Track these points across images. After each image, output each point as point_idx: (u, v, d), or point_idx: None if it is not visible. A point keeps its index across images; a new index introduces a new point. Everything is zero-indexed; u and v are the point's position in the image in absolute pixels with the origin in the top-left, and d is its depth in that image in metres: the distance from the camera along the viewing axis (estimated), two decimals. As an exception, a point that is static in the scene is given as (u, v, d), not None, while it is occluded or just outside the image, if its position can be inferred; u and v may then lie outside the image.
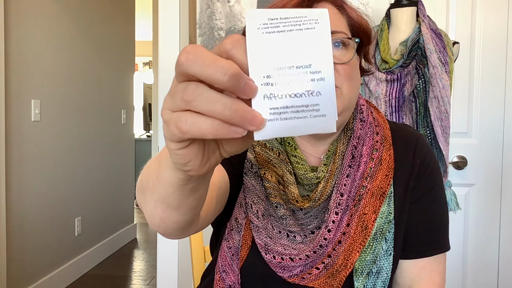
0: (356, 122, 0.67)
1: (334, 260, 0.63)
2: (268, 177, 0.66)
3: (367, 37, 0.67)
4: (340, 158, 0.66)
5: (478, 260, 1.78)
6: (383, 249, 0.64)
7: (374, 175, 0.65)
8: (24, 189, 2.33)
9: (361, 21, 0.66)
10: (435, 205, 0.70)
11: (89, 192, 3.04)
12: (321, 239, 0.63)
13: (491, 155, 1.74)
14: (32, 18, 2.36)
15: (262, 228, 0.66)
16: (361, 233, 0.63)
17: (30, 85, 2.35)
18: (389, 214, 0.64)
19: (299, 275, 0.64)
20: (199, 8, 1.80)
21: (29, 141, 2.36)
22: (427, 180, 0.68)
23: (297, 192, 0.65)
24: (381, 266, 0.64)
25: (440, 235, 0.70)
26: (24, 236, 2.34)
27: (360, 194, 0.64)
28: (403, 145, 0.69)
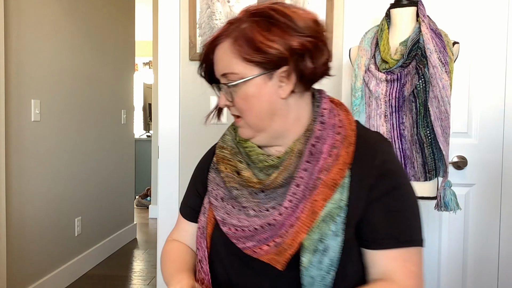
0: (316, 125, 0.78)
1: (285, 240, 0.73)
2: (222, 169, 0.83)
3: (277, 58, 0.73)
4: (297, 155, 0.76)
5: (478, 260, 1.78)
6: (331, 230, 0.72)
7: (330, 168, 0.74)
8: (24, 189, 2.33)
9: (263, 47, 0.72)
10: (400, 204, 0.76)
11: (89, 192, 3.04)
12: (271, 219, 0.74)
13: (491, 155, 1.73)
14: (32, 18, 2.36)
15: (220, 207, 0.81)
16: (309, 217, 0.73)
17: (30, 85, 2.35)
18: (341, 201, 0.73)
19: (252, 248, 0.75)
20: (199, 8, 1.80)
21: (29, 141, 2.36)
22: (388, 181, 0.75)
23: (247, 174, 0.79)
24: (328, 245, 0.72)
25: (405, 230, 0.75)
26: (24, 236, 2.34)
27: (316, 185, 0.74)
28: (366, 147, 0.78)
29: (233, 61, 0.75)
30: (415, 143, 1.32)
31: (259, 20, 0.74)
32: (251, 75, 0.74)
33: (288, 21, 0.73)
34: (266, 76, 0.74)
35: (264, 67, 0.74)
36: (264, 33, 0.72)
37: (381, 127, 1.34)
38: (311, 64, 0.75)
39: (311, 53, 0.74)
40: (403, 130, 1.33)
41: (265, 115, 0.77)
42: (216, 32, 0.79)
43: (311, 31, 0.74)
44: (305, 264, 0.72)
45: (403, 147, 1.32)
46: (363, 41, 1.42)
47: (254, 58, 0.73)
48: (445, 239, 1.79)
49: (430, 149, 1.32)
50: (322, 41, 0.76)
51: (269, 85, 0.75)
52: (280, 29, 0.73)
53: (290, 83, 0.75)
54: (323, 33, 0.77)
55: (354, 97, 1.38)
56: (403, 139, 1.33)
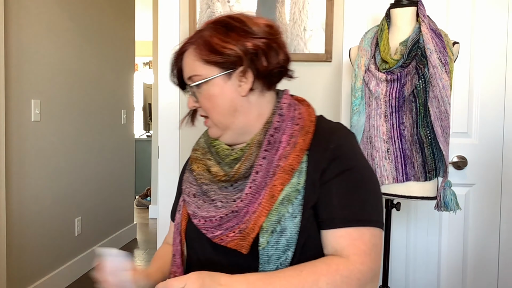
0: (275, 117, 0.85)
1: (248, 225, 0.78)
2: (195, 168, 0.91)
3: (233, 58, 0.81)
4: (256, 145, 0.83)
5: (478, 260, 1.78)
6: (288, 212, 0.77)
7: (288, 156, 0.80)
8: (24, 189, 2.33)
9: (220, 49, 0.80)
10: (350, 185, 0.79)
11: (89, 192, 3.04)
12: (234, 206, 0.80)
13: (491, 155, 1.73)
14: (32, 18, 2.36)
15: (192, 202, 0.87)
16: (268, 201, 0.78)
17: (30, 85, 2.35)
18: (298, 184, 0.79)
19: (219, 236, 0.81)
20: (199, 8, 1.80)
21: (29, 141, 2.36)
22: (339, 163, 0.80)
23: (215, 169, 0.86)
24: (285, 226, 0.77)
25: (355, 210, 0.78)
26: (24, 236, 2.34)
27: (275, 171, 0.79)
28: (323, 134, 0.84)
29: (196, 64, 0.83)
30: (415, 143, 1.32)
31: (218, 27, 0.83)
32: (212, 75, 0.82)
33: (242, 26, 0.82)
34: (226, 76, 0.82)
35: (223, 67, 0.82)
36: (221, 36, 0.81)
37: (381, 127, 1.34)
38: (266, 62, 0.82)
39: (265, 53, 0.82)
40: (403, 130, 1.33)
41: (227, 112, 0.84)
42: (183, 40, 0.88)
43: (264, 33, 0.82)
44: (263, 244, 0.77)
45: (403, 147, 1.32)
46: (363, 41, 1.42)
47: (212, 59, 0.81)
48: (445, 239, 1.79)
49: (430, 149, 1.31)
50: (276, 43, 0.84)
51: (229, 84, 0.83)
52: (236, 33, 0.81)
53: (248, 82, 0.83)
54: (277, 36, 0.84)
55: (354, 97, 1.38)
56: (403, 139, 1.33)
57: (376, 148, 1.34)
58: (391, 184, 1.34)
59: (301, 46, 1.77)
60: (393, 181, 1.33)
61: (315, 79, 1.80)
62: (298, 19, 1.77)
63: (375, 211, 0.80)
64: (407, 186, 1.33)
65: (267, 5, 1.77)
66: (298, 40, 1.77)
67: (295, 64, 1.79)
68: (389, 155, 1.33)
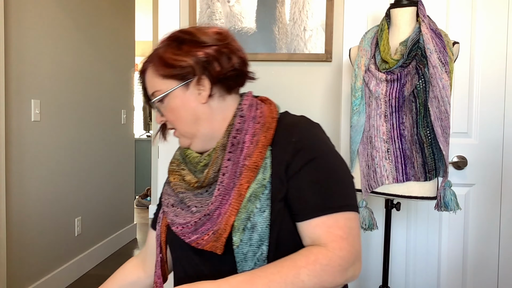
0: (236, 119, 0.87)
1: (220, 226, 0.80)
2: (171, 180, 0.94)
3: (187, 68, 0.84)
4: (221, 148, 0.86)
5: (478, 260, 1.78)
6: (257, 207, 0.79)
7: (252, 154, 0.82)
8: (24, 189, 2.33)
9: (173, 62, 0.84)
10: (316, 174, 0.81)
11: (89, 192, 3.04)
12: (206, 210, 0.82)
13: (491, 155, 1.74)
14: (32, 18, 2.36)
15: (170, 211, 0.90)
16: (236, 200, 0.80)
17: (30, 85, 2.35)
18: (263, 180, 0.81)
19: (196, 240, 0.83)
20: (199, 8, 1.80)
21: (29, 141, 2.36)
22: (303, 155, 0.81)
23: (189, 178, 0.90)
24: (255, 222, 0.79)
25: (325, 198, 0.79)
26: (24, 236, 2.34)
27: (241, 171, 0.82)
28: (285, 128, 0.86)
29: (155, 80, 0.87)
30: (415, 143, 1.32)
31: (170, 42, 0.87)
32: (170, 88, 0.86)
33: (192, 37, 0.86)
34: (183, 86, 0.86)
35: (180, 79, 0.85)
36: (174, 51, 0.85)
37: (381, 127, 1.34)
38: (219, 67, 0.85)
39: (216, 59, 0.85)
40: (403, 130, 1.33)
41: (191, 121, 0.87)
42: (142, 61, 0.93)
43: (214, 40, 0.86)
44: (236, 242, 0.79)
45: (403, 147, 1.32)
46: (363, 41, 1.42)
47: (168, 73, 0.85)
48: (445, 239, 1.79)
49: (430, 149, 1.31)
50: (226, 48, 0.87)
51: (188, 94, 0.86)
52: (187, 45, 0.85)
53: (206, 89, 0.86)
54: (227, 41, 0.87)
55: (354, 97, 1.38)
56: (403, 139, 1.33)
57: (376, 148, 1.34)
58: (391, 184, 1.34)
59: (301, 46, 1.77)
60: (393, 181, 1.33)
61: (315, 79, 1.80)
62: (298, 19, 1.77)
63: (346, 195, 0.81)
64: (407, 186, 1.33)
65: (267, 5, 1.77)
66: (298, 40, 1.77)
67: (295, 64, 1.81)
68: (389, 155, 1.33)
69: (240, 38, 1.78)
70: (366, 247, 1.83)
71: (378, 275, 1.82)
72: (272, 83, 1.81)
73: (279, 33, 1.78)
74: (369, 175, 1.36)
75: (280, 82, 1.80)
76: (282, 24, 1.78)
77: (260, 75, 1.82)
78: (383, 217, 1.79)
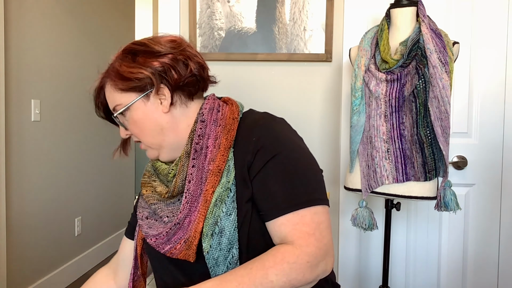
0: (197, 124, 0.86)
1: (190, 234, 0.80)
2: (143, 192, 0.93)
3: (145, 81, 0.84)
4: (185, 156, 0.85)
5: (478, 260, 1.78)
6: (223, 211, 0.79)
7: (215, 158, 0.82)
8: (24, 189, 2.33)
9: (129, 75, 0.84)
10: (277, 172, 0.79)
11: (89, 192, 3.04)
12: (175, 219, 0.82)
13: (491, 155, 1.74)
14: (32, 18, 2.36)
15: (145, 224, 0.90)
16: (203, 206, 0.80)
17: (30, 85, 2.35)
18: (227, 183, 0.81)
19: (169, 251, 0.83)
20: (199, 8, 1.80)
21: (29, 141, 2.36)
22: (264, 154, 0.80)
23: (160, 189, 0.89)
24: (223, 226, 0.79)
25: (288, 195, 0.78)
26: (24, 236, 2.34)
27: (206, 177, 0.82)
28: (246, 128, 0.85)
29: (115, 95, 0.87)
30: (415, 143, 1.32)
31: (125, 55, 0.87)
32: (131, 101, 0.86)
33: (146, 48, 0.86)
34: (144, 98, 0.85)
35: (139, 91, 0.85)
36: (129, 63, 0.85)
37: (381, 127, 1.34)
38: (176, 75, 0.85)
39: (172, 66, 0.85)
40: (403, 130, 1.33)
41: (155, 132, 0.87)
42: (99, 76, 0.92)
43: (168, 49, 0.86)
44: (206, 249, 0.79)
45: (403, 147, 1.32)
46: (363, 41, 1.42)
47: (126, 86, 0.85)
48: (445, 239, 1.79)
49: (430, 149, 1.31)
50: (181, 55, 0.86)
51: (149, 105, 0.86)
52: (143, 57, 0.85)
53: (167, 97, 0.85)
54: (182, 48, 0.87)
55: (354, 97, 1.38)
56: (403, 139, 1.32)
57: (376, 148, 1.34)
58: (391, 184, 1.34)
59: (301, 46, 1.77)
60: (393, 181, 1.33)
61: (315, 79, 1.80)
62: (298, 19, 1.77)
63: (312, 190, 0.80)
64: (407, 186, 1.33)
65: (267, 5, 1.77)
66: (298, 40, 1.77)
67: (295, 64, 1.81)
68: (389, 155, 1.33)
69: (240, 38, 1.78)
70: (366, 247, 1.83)
71: (378, 275, 1.82)
72: (272, 83, 1.81)
73: (279, 33, 1.78)
74: (369, 175, 1.36)
75: (280, 82, 1.80)
76: (282, 24, 1.77)
77: (260, 75, 1.82)
78: (383, 217, 1.79)
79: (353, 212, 1.41)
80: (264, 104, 1.82)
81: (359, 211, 1.40)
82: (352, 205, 1.80)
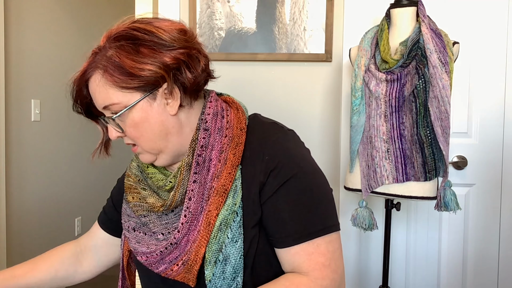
0: (200, 133, 0.75)
1: (190, 257, 0.72)
2: (129, 199, 0.82)
3: (152, 79, 0.70)
4: (186, 168, 0.74)
5: (478, 260, 1.78)
6: (228, 237, 0.71)
7: (220, 175, 0.72)
8: (24, 189, 2.33)
9: (134, 71, 0.69)
10: (294, 196, 0.72)
11: (89, 192, 3.04)
12: (172, 238, 0.73)
13: (491, 155, 1.73)
14: (32, 18, 2.36)
15: (132, 237, 0.80)
16: (206, 229, 0.71)
17: (30, 85, 2.35)
18: (234, 205, 0.71)
19: (164, 272, 0.75)
20: (199, 8, 1.80)
21: (29, 141, 2.36)
22: (279, 175, 0.72)
23: (152, 200, 0.78)
24: (228, 254, 0.71)
25: (303, 224, 0.71)
26: (24, 236, 2.34)
27: (210, 194, 0.72)
28: (256, 143, 0.75)
29: (110, 92, 0.71)
30: (415, 143, 1.32)
31: (124, 43, 0.70)
32: (134, 101, 0.71)
33: (153, 38, 0.70)
34: (149, 98, 0.72)
35: (144, 90, 0.71)
36: (132, 56, 0.69)
37: (381, 127, 1.34)
38: (190, 74, 0.73)
39: (188, 64, 0.72)
40: (403, 130, 1.32)
41: (159, 137, 0.74)
42: (82, 66, 0.75)
43: (180, 42, 0.72)
44: (208, 277, 0.71)
45: (403, 147, 1.32)
46: (363, 41, 1.42)
47: (130, 84, 0.70)
48: (445, 239, 1.79)
49: (430, 149, 1.31)
50: (195, 49, 0.74)
51: (155, 105, 0.72)
52: (148, 48, 0.70)
53: (176, 99, 0.73)
54: (194, 40, 0.75)
55: (354, 97, 1.38)
56: (403, 139, 1.32)
57: (376, 148, 1.34)
58: (391, 184, 1.34)
59: (301, 46, 1.77)
60: (393, 181, 1.33)
61: (315, 79, 1.80)
62: (298, 19, 1.77)
63: (327, 216, 0.74)
64: (407, 186, 1.33)
65: (267, 5, 1.77)
66: (298, 40, 1.77)
67: (295, 64, 1.81)
68: (389, 155, 1.33)
69: (240, 38, 1.78)
70: (366, 247, 1.83)
71: (378, 275, 1.82)
72: (272, 83, 1.81)
73: (279, 33, 1.78)
74: (369, 175, 1.36)
75: (280, 82, 1.80)
76: (282, 24, 1.77)
77: (260, 75, 1.82)
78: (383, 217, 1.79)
79: (353, 212, 1.41)
80: (264, 104, 1.82)
81: (359, 211, 1.39)
82: (352, 205, 1.80)
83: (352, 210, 1.79)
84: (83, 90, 0.76)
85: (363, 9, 1.75)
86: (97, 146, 0.84)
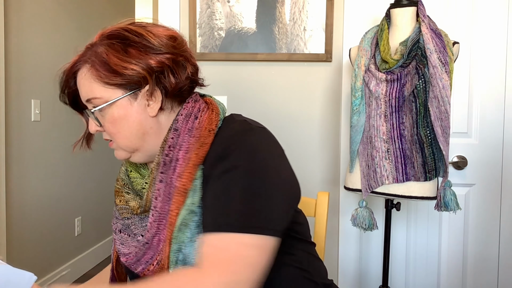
0: (170, 133, 0.75)
1: (162, 256, 0.73)
2: (117, 202, 0.85)
3: (138, 78, 0.72)
4: (156, 168, 0.75)
5: (478, 260, 1.78)
6: (187, 237, 0.70)
7: (182, 174, 0.72)
8: (24, 189, 2.33)
9: (119, 70, 0.72)
10: (226, 185, 0.68)
11: (89, 192, 3.04)
12: (144, 238, 0.76)
13: (491, 155, 1.74)
14: (32, 18, 2.36)
15: (118, 239, 0.83)
16: (169, 229, 0.72)
17: (30, 85, 2.35)
18: (192, 205, 0.71)
19: (142, 272, 0.77)
20: (199, 8, 1.80)
21: (29, 141, 2.36)
22: (223, 164, 0.69)
23: (133, 204, 0.81)
24: (186, 254, 0.70)
25: (221, 215, 0.67)
26: (24, 236, 2.34)
27: (172, 194, 0.72)
28: (220, 142, 0.73)
29: (94, 86, 0.74)
30: (415, 143, 1.32)
31: (114, 42, 0.73)
32: (115, 97, 0.73)
33: (143, 41, 0.73)
34: (131, 96, 0.74)
35: (126, 88, 0.73)
36: (120, 55, 0.72)
37: (381, 127, 1.34)
38: (174, 79, 0.75)
39: (172, 69, 0.74)
40: (403, 130, 1.33)
41: (135, 136, 0.76)
42: (74, 58, 0.78)
43: (168, 47, 0.74)
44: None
45: (403, 147, 1.32)
46: (363, 41, 1.42)
47: (112, 81, 0.72)
48: (445, 239, 1.79)
49: (430, 149, 1.31)
50: (182, 56, 0.76)
51: (136, 105, 0.74)
52: (136, 49, 0.73)
53: (157, 101, 0.75)
54: (182, 48, 0.77)
55: (354, 97, 1.38)
56: (403, 139, 1.33)
57: (376, 148, 1.34)
58: (391, 184, 1.34)
59: (301, 46, 1.77)
60: (393, 181, 1.33)
61: (315, 79, 1.80)
62: (298, 19, 1.77)
63: (259, 217, 0.66)
64: (407, 186, 1.33)
65: (267, 5, 1.77)
66: (298, 40, 1.77)
67: (295, 64, 1.81)
68: (389, 155, 1.33)
69: (240, 38, 1.78)
70: (366, 247, 1.83)
71: (378, 275, 1.82)
72: (272, 83, 1.81)
73: (279, 33, 1.78)
74: (369, 175, 1.36)
75: (280, 82, 1.80)
76: (282, 24, 1.77)
77: (260, 75, 1.82)
78: (383, 217, 1.79)
79: (353, 212, 1.41)
80: (264, 104, 1.82)
81: (359, 211, 1.40)
82: (352, 205, 1.80)
83: (352, 210, 1.79)
84: (70, 81, 0.78)
85: (363, 9, 1.75)
86: (79, 138, 0.86)
